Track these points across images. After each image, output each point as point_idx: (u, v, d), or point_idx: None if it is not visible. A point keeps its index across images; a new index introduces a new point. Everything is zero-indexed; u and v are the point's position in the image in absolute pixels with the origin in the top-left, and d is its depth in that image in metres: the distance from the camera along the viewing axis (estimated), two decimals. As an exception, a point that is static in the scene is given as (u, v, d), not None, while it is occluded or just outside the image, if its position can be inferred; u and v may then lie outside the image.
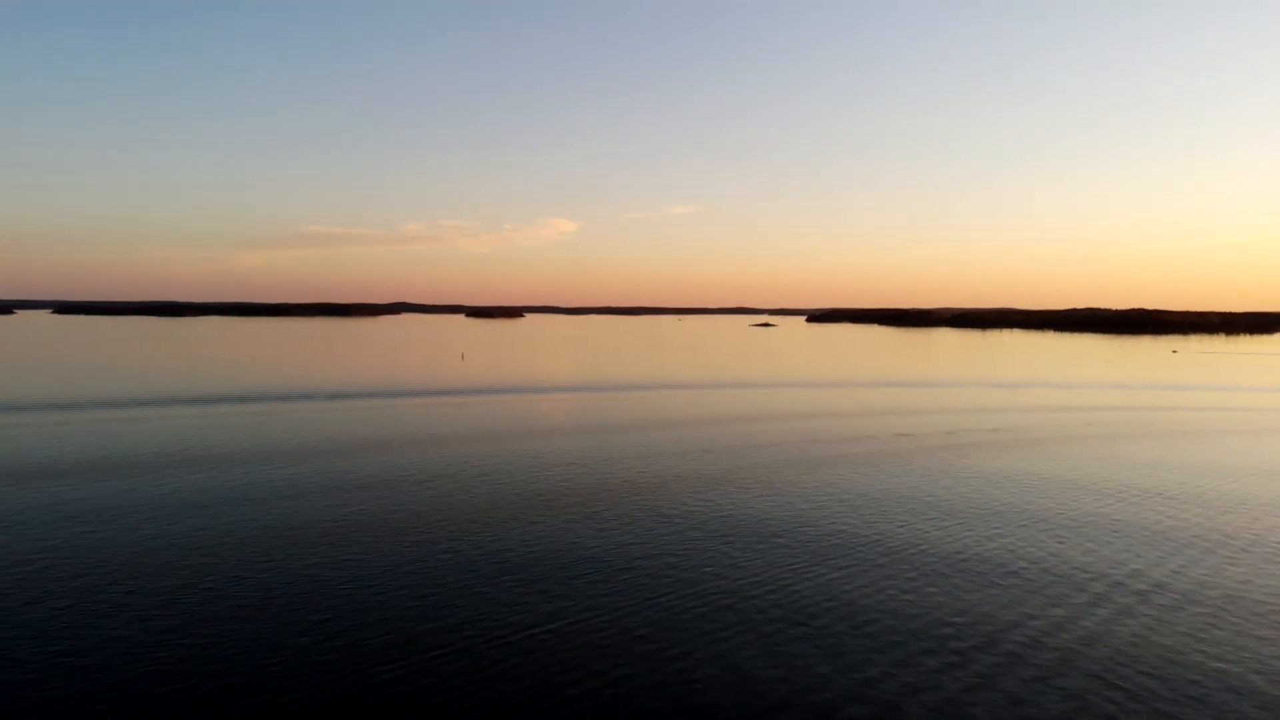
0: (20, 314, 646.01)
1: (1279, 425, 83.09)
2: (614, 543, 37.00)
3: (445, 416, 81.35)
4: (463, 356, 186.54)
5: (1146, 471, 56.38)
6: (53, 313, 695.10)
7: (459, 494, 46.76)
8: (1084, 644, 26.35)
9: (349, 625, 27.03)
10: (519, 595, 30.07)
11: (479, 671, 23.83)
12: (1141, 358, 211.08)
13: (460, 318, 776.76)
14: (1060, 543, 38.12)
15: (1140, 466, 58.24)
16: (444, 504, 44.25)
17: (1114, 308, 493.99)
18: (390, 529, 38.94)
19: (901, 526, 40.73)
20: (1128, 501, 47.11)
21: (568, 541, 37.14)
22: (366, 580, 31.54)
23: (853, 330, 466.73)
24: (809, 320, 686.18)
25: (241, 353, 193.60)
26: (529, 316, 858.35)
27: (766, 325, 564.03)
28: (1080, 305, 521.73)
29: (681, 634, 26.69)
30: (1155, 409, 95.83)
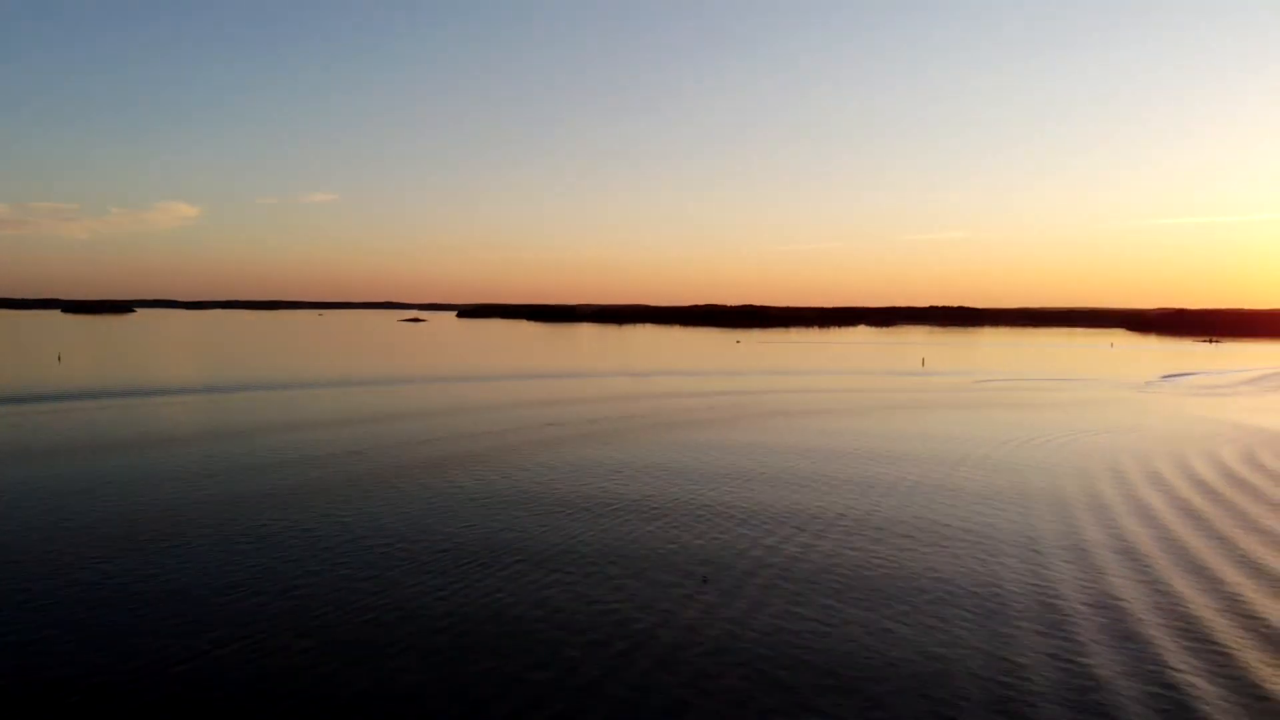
0: None
1: (824, 405, 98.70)
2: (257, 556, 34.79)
3: (40, 427, 70.33)
4: (59, 358, 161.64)
5: (771, 442, 64.40)
6: None
7: (66, 519, 40.95)
8: (792, 561, 30.80)
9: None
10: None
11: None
12: (715, 348, 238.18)
13: (56, 314, 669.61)
14: (746, 494, 42.72)
15: (766, 438, 66.37)
16: (36, 532, 38.54)
17: (728, 304, 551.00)
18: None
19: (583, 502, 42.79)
20: (765, 464, 53.63)
21: (206, 561, 34.27)
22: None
23: (502, 325, 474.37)
24: (460, 316, 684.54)
25: None
26: (140, 311, 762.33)
27: (416, 320, 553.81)
28: (701, 302, 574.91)
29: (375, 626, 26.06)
30: (748, 393, 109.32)
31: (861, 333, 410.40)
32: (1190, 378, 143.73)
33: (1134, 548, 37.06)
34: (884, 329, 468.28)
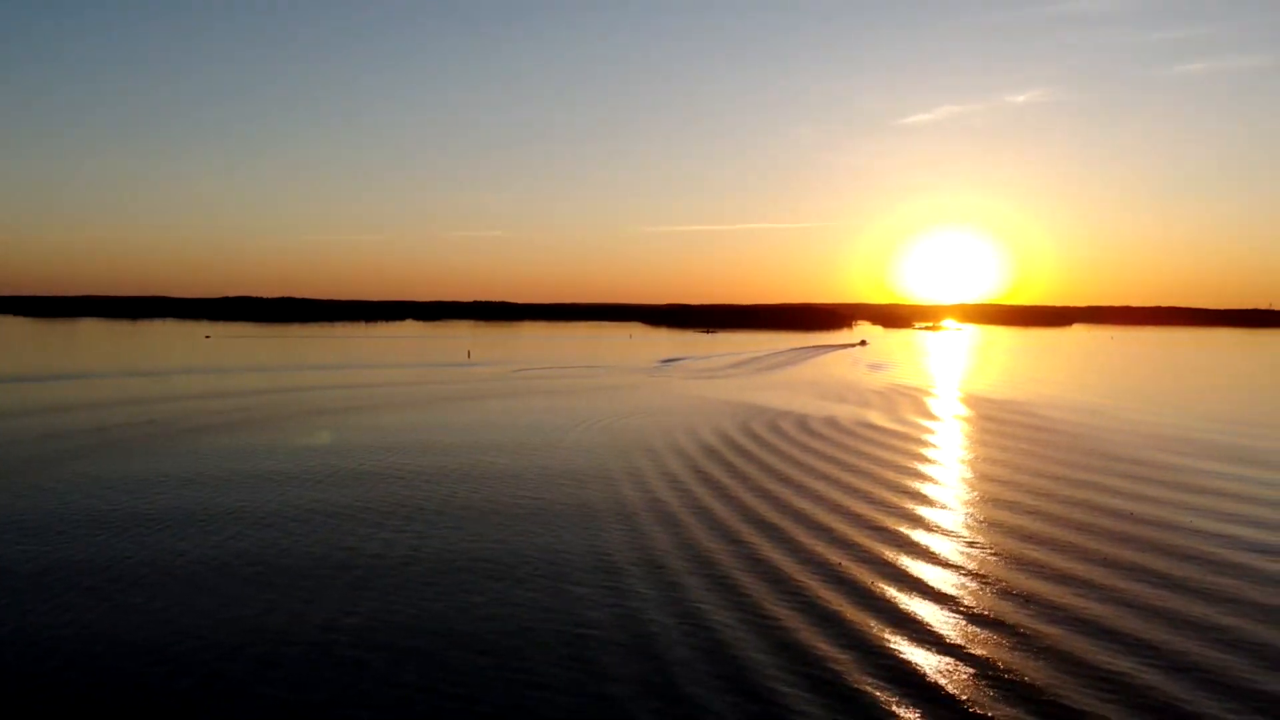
0: None
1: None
2: None
3: None
4: None
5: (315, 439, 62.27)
6: None
7: None
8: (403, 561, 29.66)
9: None
10: None
11: None
12: (178, 345, 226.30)
13: None
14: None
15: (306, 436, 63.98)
16: None
17: (265, 296, 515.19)
18: None
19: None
20: (318, 467, 51.66)
21: None
22: None
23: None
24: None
25: None
26: None
27: None
28: (232, 294, 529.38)
29: None
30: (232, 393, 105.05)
31: (409, 326, 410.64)
32: (683, 362, 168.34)
33: (667, 507, 43.19)
34: (431, 323, 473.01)
